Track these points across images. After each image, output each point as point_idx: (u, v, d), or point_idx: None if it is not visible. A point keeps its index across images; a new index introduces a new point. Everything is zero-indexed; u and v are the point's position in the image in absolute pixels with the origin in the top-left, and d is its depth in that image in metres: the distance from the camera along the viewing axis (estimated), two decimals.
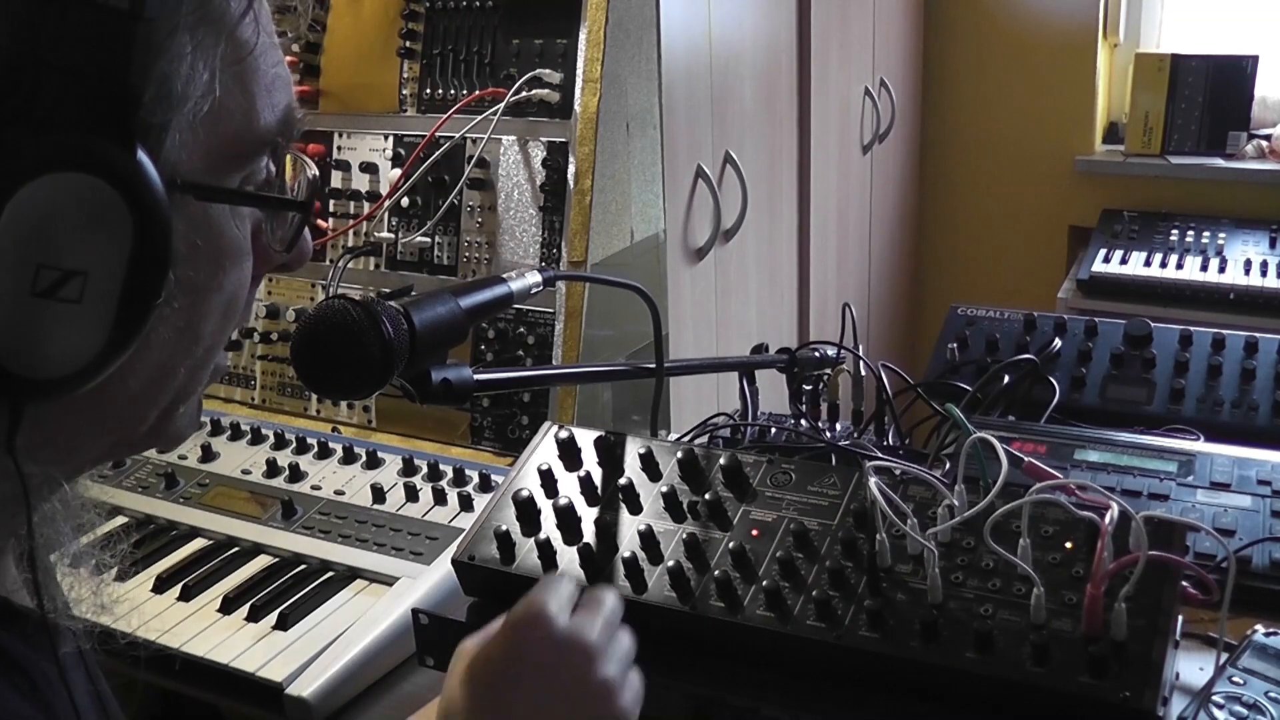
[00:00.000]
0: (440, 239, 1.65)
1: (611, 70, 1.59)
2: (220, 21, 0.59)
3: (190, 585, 1.31)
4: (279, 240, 0.69)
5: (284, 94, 0.65)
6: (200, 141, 0.59)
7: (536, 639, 0.79)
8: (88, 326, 0.55)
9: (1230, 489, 1.16)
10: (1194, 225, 3.05)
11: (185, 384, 0.65)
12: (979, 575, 0.91)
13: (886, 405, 1.34)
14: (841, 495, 1.00)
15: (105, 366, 0.57)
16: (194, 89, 0.58)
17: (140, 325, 0.57)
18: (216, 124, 0.60)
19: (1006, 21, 3.40)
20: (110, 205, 0.54)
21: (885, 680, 0.89)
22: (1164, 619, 0.85)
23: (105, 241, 0.55)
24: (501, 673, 0.78)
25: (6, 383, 0.54)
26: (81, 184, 0.53)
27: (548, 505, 1.04)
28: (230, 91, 0.60)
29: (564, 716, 0.78)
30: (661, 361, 1.17)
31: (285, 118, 0.65)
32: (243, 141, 0.63)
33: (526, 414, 1.56)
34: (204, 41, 0.58)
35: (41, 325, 0.54)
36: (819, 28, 2.60)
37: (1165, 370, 1.48)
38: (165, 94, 0.56)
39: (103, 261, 0.55)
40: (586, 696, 0.78)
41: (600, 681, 0.79)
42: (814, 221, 2.71)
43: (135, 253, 0.55)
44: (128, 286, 0.55)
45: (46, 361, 0.55)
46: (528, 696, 0.77)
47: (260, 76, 0.63)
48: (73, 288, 0.54)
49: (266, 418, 1.68)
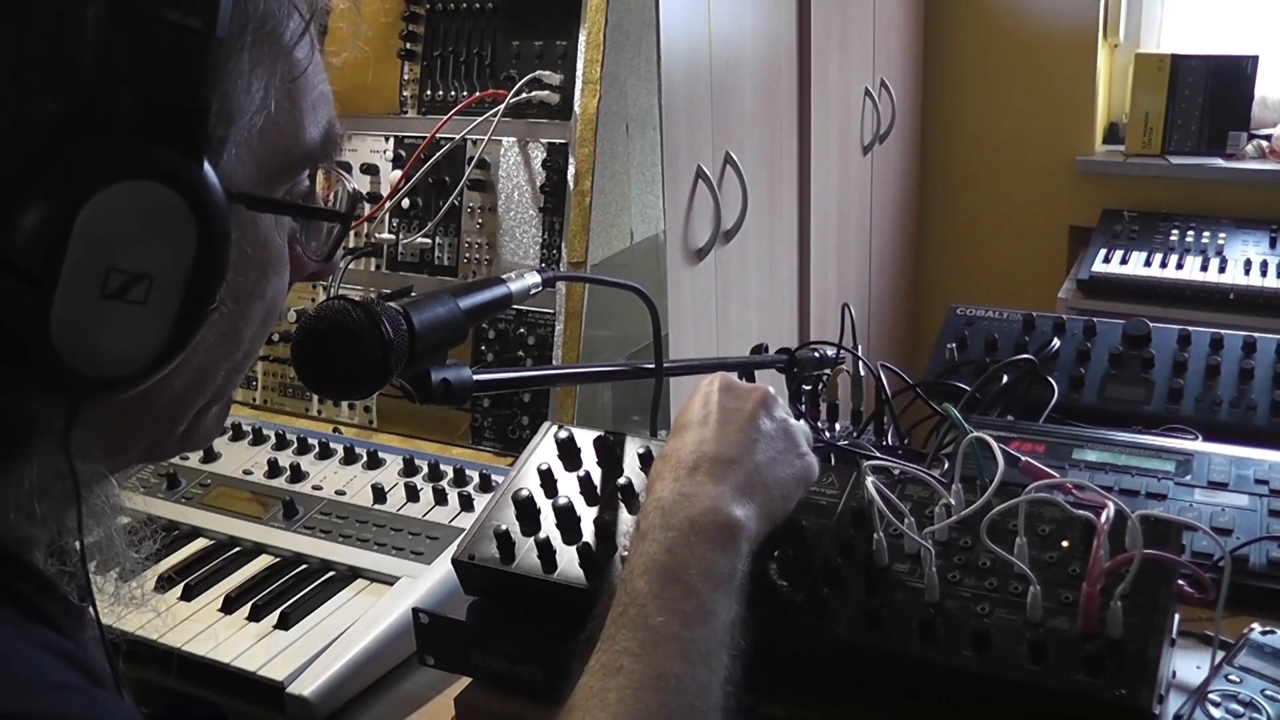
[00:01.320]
0: (440, 240, 1.65)
1: (611, 71, 1.59)
2: (279, 42, 0.63)
3: (192, 585, 1.31)
4: (313, 250, 0.73)
5: (327, 112, 0.69)
6: (253, 154, 0.63)
7: (720, 389, 0.92)
8: (150, 328, 0.58)
9: (1228, 488, 1.16)
10: (1194, 225, 3.05)
11: (223, 385, 0.69)
12: (976, 574, 0.91)
13: (885, 405, 1.34)
14: (840, 494, 1.01)
15: (161, 367, 0.59)
16: (251, 104, 0.61)
17: (196, 328, 0.60)
18: (268, 138, 0.63)
19: (1006, 22, 3.41)
20: (178, 213, 0.57)
21: (882, 679, 0.89)
22: (1160, 617, 0.85)
23: (171, 247, 0.57)
24: (690, 416, 0.91)
25: (69, 380, 0.56)
26: (152, 192, 0.56)
27: (547, 505, 1.04)
28: (282, 108, 0.64)
29: (750, 442, 0.88)
30: (661, 362, 1.17)
31: (328, 134, 0.69)
32: (290, 156, 0.66)
33: (527, 414, 1.56)
34: (263, 60, 0.61)
35: (107, 326, 0.56)
36: (819, 28, 2.60)
37: (1164, 370, 1.49)
38: (227, 109, 0.59)
39: (168, 266, 0.57)
40: (772, 429, 0.90)
41: (781, 418, 0.92)
42: (814, 222, 2.72)
43: (197, 259, 0.58)
44: (188, 291, 0.58)
45: (108, 361, 0.57)
46: (718, 428, 0.88)
47: (309, 94, 0.67)
48: (139, 290, 0.57)
49: (268, 418, 1.69)
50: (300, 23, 0.64)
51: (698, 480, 0.85)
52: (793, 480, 0.91)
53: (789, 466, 0.90)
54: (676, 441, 0.90)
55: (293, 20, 0.64)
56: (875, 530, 0.93)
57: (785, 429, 0.92)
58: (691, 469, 0.86)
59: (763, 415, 0.91)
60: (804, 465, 0.92)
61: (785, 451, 0.91)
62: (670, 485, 0.85)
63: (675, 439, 0.90)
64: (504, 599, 1.03)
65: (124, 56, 0.54)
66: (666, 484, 0.85)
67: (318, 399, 1.73)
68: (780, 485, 0.89)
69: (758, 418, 0.90)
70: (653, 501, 0.85)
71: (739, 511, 0.83)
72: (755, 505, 0.85)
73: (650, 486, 0.87)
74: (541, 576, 1.00)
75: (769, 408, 0.92)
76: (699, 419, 0.90)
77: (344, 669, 1.17)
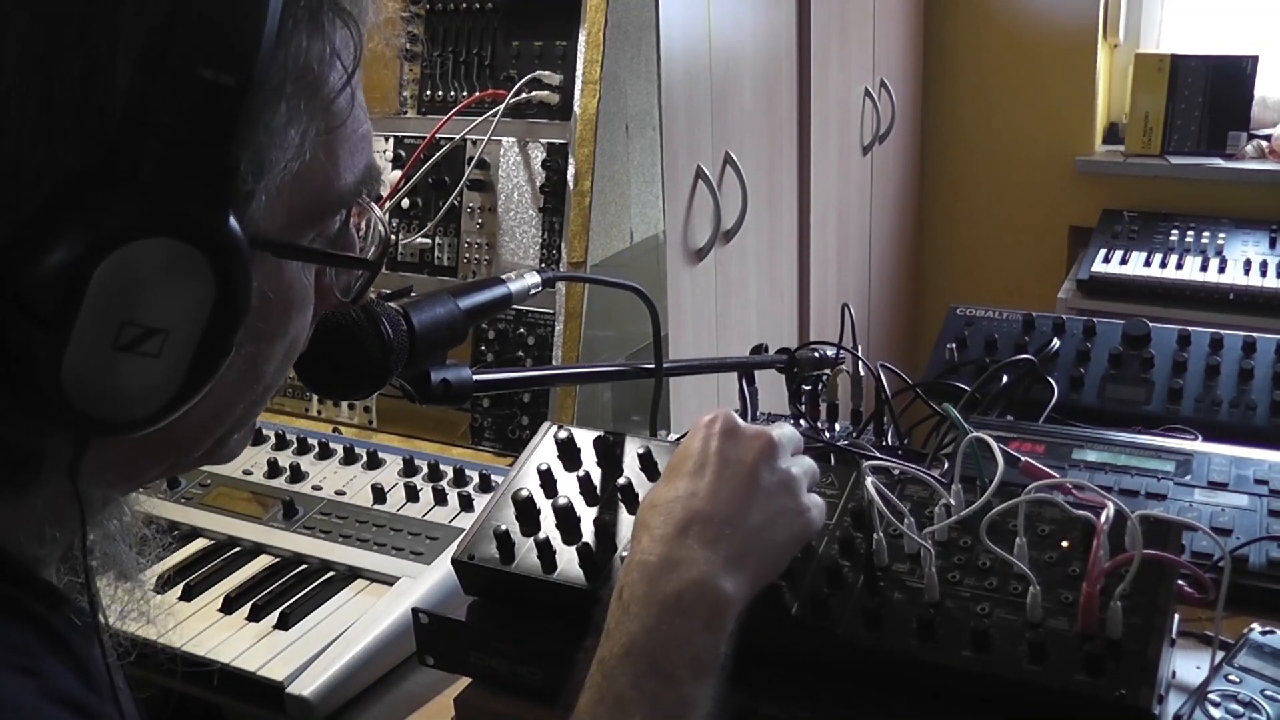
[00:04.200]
0: (440, 240, 1.65)
1: (611, 72, 1.59)
2: (319, 94, 0.61)
3: (192, 585, 1.31)
4: (342, 288, 0.71)
5: (366, 153, 0.67)
6: (284, 202, 0.61)
7: (721, 432, 0.86)
8: (162, 378, 0.57)
9: (1228, 488, 1.16)
10: (1194, 225, 3.05)
11: (243, 415, 0.68)
12: (976, 574, 0.91)
13: (885, 405, 1.34)
14: (839, 494, 1.01)
15: (173, 412, 0.59)
16: (285, 155, 0.59)
17: (211, 376, 0.59)
18: (301, 186, 0.62)
19: (1006, 22, 3.40)
20: (198, 270, 0.56)
21: (882, 679, 0.89)
22: (1160, 617, 0.85)
23: (189, 303, 0.56)
24: (687, 462, 0.85)
25: (78, 420, 0.56)
26: (174, 249, 0.55)
27: (547, 505, 1.04)
28: (317, 156, 0.62)
29: (747, 500, 0.83)
30: (661, 362, 1.17)
31: (365, 176, 0.67)
32: (323, 201, 0.65)
33: (526, 414, 1.56)
34: (302, 112, 0.60)
35: (118, 375, 0.55)
36: (819, 28, 2.60)
37: (1163, 370, 1.49)
38: (258, 161, 0.58)
39: (184, 321, 0.57)
40: (773, 485, 0.85)
41: (783, 471, 0.86)
42: (814, 222, 2.72)
43: (214, 314, 0.57)
44: (203, 344, 0.57)
45: (118, 406, 0.56)
46: (714, 482, 0.83)
47: (347, 141, 0.65)
48: (153, 344, 0.56)
49: (268, 418, 1.69)
50: (342, 74, 0.63)
51: (688, 545, 0.79)
52: (790, 542, 0.86)
53: (787, 527, 0.85)
54: (668, 489, 0.84)
55: (334, 72, 0.62)
56: (875, 530, 0.93)
57: (786, 482, 0.86)
58: (682, 529, 0.80)
59: (764, 468, 0.85)
60: (803, 524, 0.87)
61: (784, 510, 0.85)
62: (658, 547, 0.80)
63: (668, 485, 0.85)
64: (504, 599, 1.03)
65: (154, 109, 0.53)
66: (655, 542, 0.80)
67: (317, 399, 1.73)
68: (775, 549, 0.84)
69: (759, 472, 0.85)
70: (637, 560, 0.80)
71: (728, 585, 0.78)
72: (746, 574, 0.81)
73: (636, 537, 0.82)
74: (541, 576, 1.00)
75: (771, 458, 0.86)
76: (695, 467, 0.85)
77: (344, 669, 1.17)
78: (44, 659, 0.59)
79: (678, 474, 0.85)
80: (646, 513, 0.84)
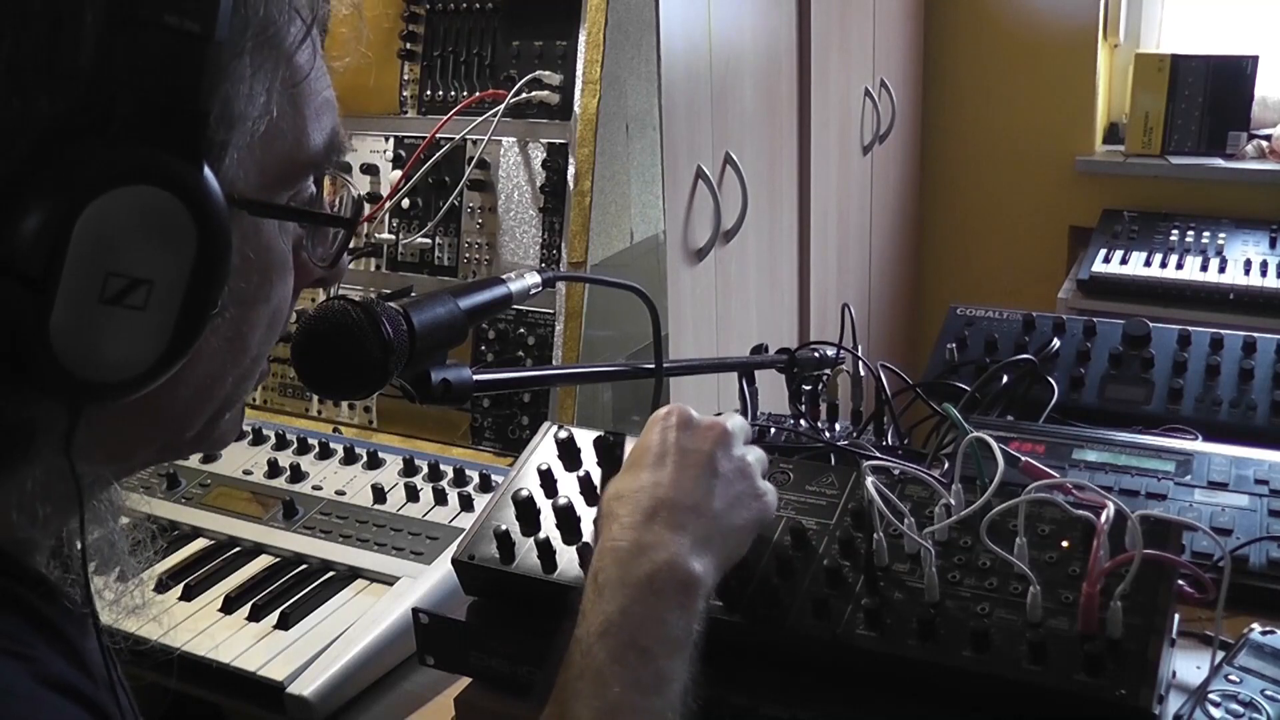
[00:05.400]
0: (441, 240, 1.65)
1: (611, 72, 1.59)
2: (281, 46, 0.62)
3: (192, 585, 1.32)
4: (319, 257, 0.73)
5: (330, 118, 0.68)
6: (255, 159, 0.62)
7: (677, 425, 0.89)
8: (149, 333, 0.57)
9: (1228, 488, 1.16)
10: (1194, 225, 3.05)
11: (232, 392, 0.69)
12: (976, 574, 0.91)
13: (885, 405, 1.34)
14: (839, 495, 1.01)
15: (162, 372, 0.59)
16: (253, 109, 0.61)
17: (197, 334, 0.59)
18: (270, 144, 0.63)
19: (1006, 22, 3.40)
20: (177, 218, 0.57)
21: (882, 679, 0.89)
22: (1160, 617, 0.85)
23: (171, 253, 0.57)
24: (647, 454, 0.88)
25: (68, 384, 0.56)
26: (151, 197, 0.56)
27: (547, 505, 1.04)
28: (285, 113, 0.63)
29: (709, 487, 0.86)
30: (661, 362, 1.17)
31: (331, 141, 0.68)
32: (293, 161, 0.66)
33: (526, 414, 1.56)
34: (265, 65, 0.61)
35: (106, 331, 0.56)
36: (819, 28, 2.60)
37: (1164, 370, 1.49)
38: (228, 113, 0.59)
39: (167, 271, 0.57)
40: (730, 471, 0.88)
41: (739, 458, 0.89)
42: (814, 222, 2.72)
43: (197, 264, 0.58)
44: (188, 296, 0.58)
45: (108, 366, 0.57)
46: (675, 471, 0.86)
47: (312, 100, 0.66)
48: (138, 295, 0.56)
49: (268, 418, 1.69)
50: (301, 27, 0.64)
51: (655, 530, 0.82)
52: (750, 524, 0.89)
53: (746, 510, 0.88)
54: (631, 480, 0.87)
55: (294, 25, 0.63)
56: (875, 530, 0.93)
57: (742, 468, 0.89)
58: (649, 515, 0.83)
59: (721, 456, 0.88)
60: (761, 506, 0.90)
61: (743, 494, 0.88)
62: (628, 532, 0.82)
63: (629, 477, 0.87)
64: (504, 599, 1.04)
65: (123, 60, 0.54)
66: (624, 529, 0.83)
67: (318, 399, 1.73)
68: (737, 531, 0.87)
69: (716, 459, 0.88)
70: (608, 545, 0.82)
71: (698, 566, 0.81)
72: (713, 555, 0.83)
73: (604, 526, 0.85)
74: (541, 576, 1.00)
75: (727, 446, 0.89)
76: (655, 458, 0.88)
77: (344, 669, 1.17)
78: (35, 645, 0.59)
79: (639, 466, 0.88)
80: (612, 503, 0.86)
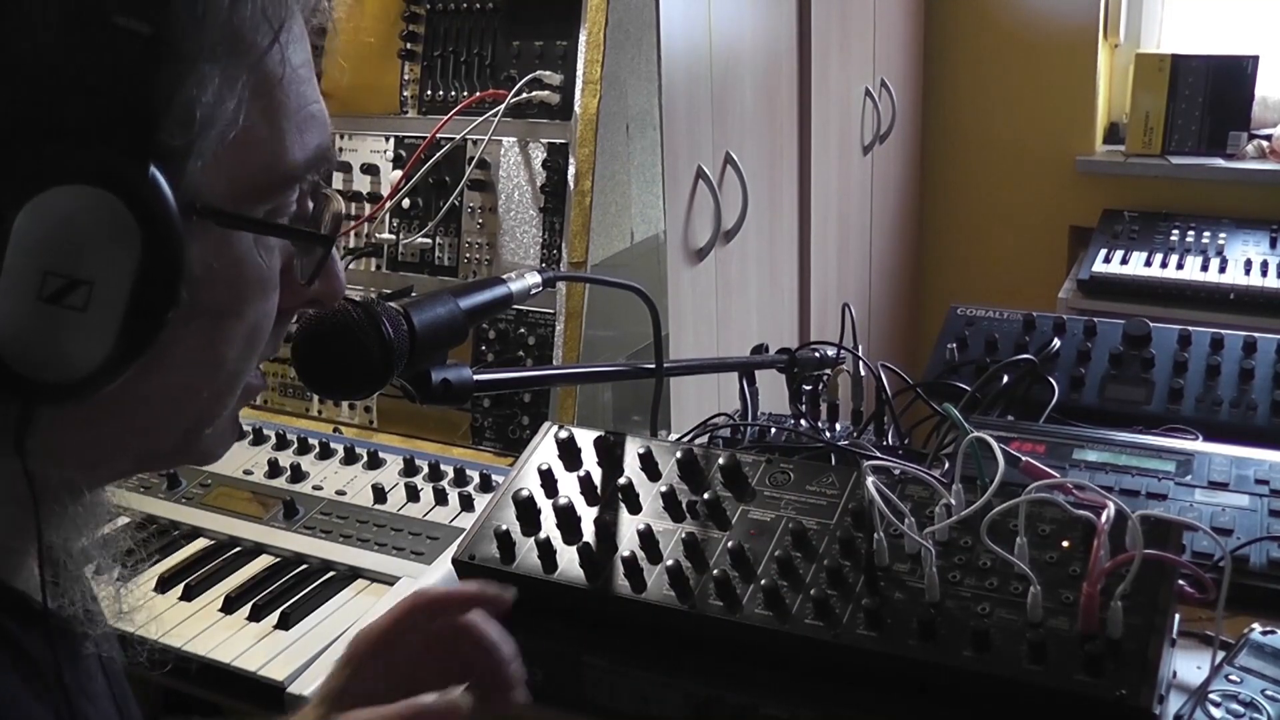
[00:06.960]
0: (441, 240, 1.65)
1: (611, 71, 1.59)
2: (246, 53, 0.60)
3: (192, 585, 1.31)
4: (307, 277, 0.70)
5: (317, 134, 0.66)
6: (225, 169, 0.60)
7: None
8: (93, 335, 0.56)
9: (1228, 488, 1.16)
10: (1194, 225, 3.05)
11: (210, 406, 0.67)
12: (976, 574, 0.91)
13: (886, 405, 1.34)
14: (840, 495, 1.01)
15: (112, 376, 0.58)
16: (219, 117, 0.59)
17: (148, 339, 0.58)
18: (242, 154, 0.61)
19: (1007, 22, 3.40)
20: (119, 219, 0.55)
21: (883, 679, 0.89)
22: (1160, 617, 0.85)
23: (113, 254, 0.56)
24: None
25: (13, 384, 0.55)
26: (92, 197, 0.55)
27: (548, 505, 1.04)
28: (257, 124, 0.61)
29: None
30: (661, 362, 1.17)
31: (317, 157, 0.66)
32: (270, 174, 0.63)
33: (527, 414, 1.56)
34: (229, 71, 0.59)
35: (48, 330, 0.55)
36: (819, 28, 2.60)
37: (1164, 370, 1.49)
38: (186, 118, 0.57)
39: (109, 273, 0.56)
40: None
41: None
42: (814, 222, 2.72)
43: (143, 267, 0.56)
44: (134, 299, 0.57)
45: (52, 366, 0.56)
46: None
47: (289, 112, 0.64)
48: (78, 296, 0.55)
49: (268, 418, 1.69)
50: (269, 31, 0.61)
51: None
52: None
53: None
54: None
55: (260, 31, 0.61)
56: (875, 530, 0.94)
57: None
58: None
59: None
60: None
61: None
62: None
63: None
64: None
65: (72, 59, 0.53)
66: None
67: (318, 399, 1.73)
68: None
69: None
70: None
71: None
72: None
73: None
74: (541, 576, 1.00)
75: None
76: None
77: None
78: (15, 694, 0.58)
79: None
80: None
